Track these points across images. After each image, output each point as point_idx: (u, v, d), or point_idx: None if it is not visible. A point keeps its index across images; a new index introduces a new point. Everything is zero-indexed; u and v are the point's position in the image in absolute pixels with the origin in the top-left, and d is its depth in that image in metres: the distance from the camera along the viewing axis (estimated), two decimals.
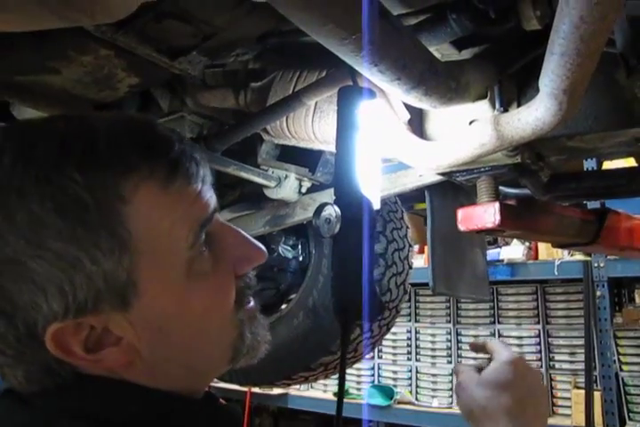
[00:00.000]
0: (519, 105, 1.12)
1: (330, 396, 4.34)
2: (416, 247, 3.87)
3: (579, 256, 3.49)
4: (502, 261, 3.69)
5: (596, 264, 3.37)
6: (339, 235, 1.03)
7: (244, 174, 1.47)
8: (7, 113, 1.57)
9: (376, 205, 1.08)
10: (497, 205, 1.20)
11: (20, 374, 0.56)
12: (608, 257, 3.37)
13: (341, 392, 0.99)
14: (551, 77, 0.83)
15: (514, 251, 3.73)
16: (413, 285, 4.06)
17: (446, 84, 0.96)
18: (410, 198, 3.11)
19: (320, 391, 4.54)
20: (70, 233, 0.51)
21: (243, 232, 0.64)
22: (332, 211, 1.03)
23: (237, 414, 0.67)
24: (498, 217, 1.19)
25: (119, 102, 1.71)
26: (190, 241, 0.57)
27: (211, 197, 0.60)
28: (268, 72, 1.55)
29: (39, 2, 0.68)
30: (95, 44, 1.17)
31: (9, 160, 0.52)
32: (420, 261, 3.79)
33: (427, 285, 4.18)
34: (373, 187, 1.09)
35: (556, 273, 3.39)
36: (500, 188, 1.53)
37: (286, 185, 1.57)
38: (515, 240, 3.90)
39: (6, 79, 1.33)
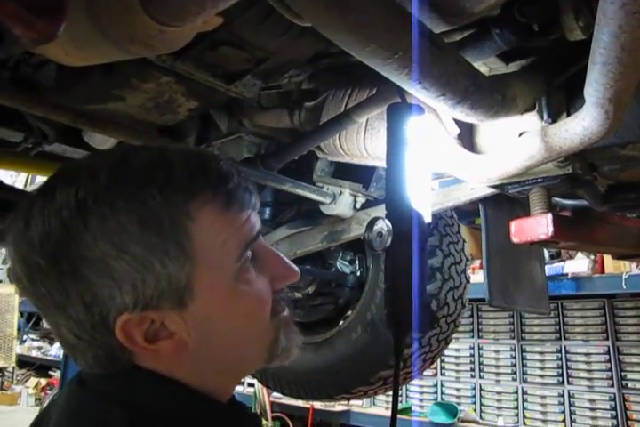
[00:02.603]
0: (568, 116, 1.13)
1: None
2: (477, 262, 3.82)
3: None
4: (566, 275, 3.59)
5: None
6: (390, 248, 1.06)
7: (299, 191, 1.52)
8: (79, 139, 1.69)
9: (427, 219, 1.10)
10: (550, 216, 1.20)
11: (89, 357, 0.66)
12: None
13: (395, 405, 1.01)
14: (595, 87, 0.84)
15: (578, 264, 3.62)
16: (476, 300, 4.03)
17: (492, 97, 0.98)
18: (470, 213, 3.08)
19: (382, 409, 4.51)
20: (147, 241, 0.62)
21: (281, 254, 0.75)
22: (384, 225, 1.06)
23: (258, 419, 0.76)
24: (551, 228, 1.19)
25: (181, 125, 1.80)
26: (237, 255, 0.67)
27: (257, 221, 0.71)
28: (320, 92, 1.60)
29: (106, 38, 0.75)
30: (156, 72, 1.24)
31: (104, 179, 0.64)
32: (480, 275, 3.72)
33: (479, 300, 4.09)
34: (424, 200, 1.11)
35: (624, 287, 3.27)
36: (557, 199, 1.53)
37: (341, 201, 1.60)
38: (579, 253, 3.79)
39: (79, 108, 1.43)
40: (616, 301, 3.60)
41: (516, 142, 1.09)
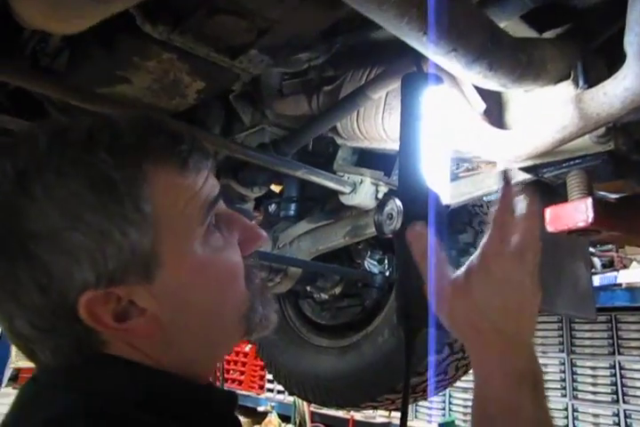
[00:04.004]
0: None
1: None
2: None
3: None
4: (620, 285, 3.36)
5: None
6: (402, 233, 0.94)
7: (314, 178, 1.41)
8: None
9: (445, 200, 0.98)
10: (589, 200, 1.06)
11: (48, 350, 0.60)
12: None
13: (405, 412, 0.88)
14: (637, 31, 0.70)
15: (633, 274, 3.39)
16: None
17: (514, 57, 0.85)
18: None
19: (424, 422, 4.32)
20: (102, 207, 0.56)
21: (244, 217, 0.70)
22: (395, 205, 0.94)
23: (234, 399, 0.69)
24: (591, 214, 1.04)
25: (205, 118, 1.73)
26: (201, 218, 0.62)
27: (215, 184, 0.66)
28: (340, 76, 1.50)
29: None
30: (156, 48, 1.17)
31: (44, 144, 0.58)
32: None
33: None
34: (442, 180, 0.99)
35: None
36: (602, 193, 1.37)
37: (362, 190, 1.48)
38: (634, 262, 3.56)
39: (87, 91, 1.38)
40: None
41: (547, 113, 0.95)
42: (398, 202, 0.93)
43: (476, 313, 0.67)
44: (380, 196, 1.51)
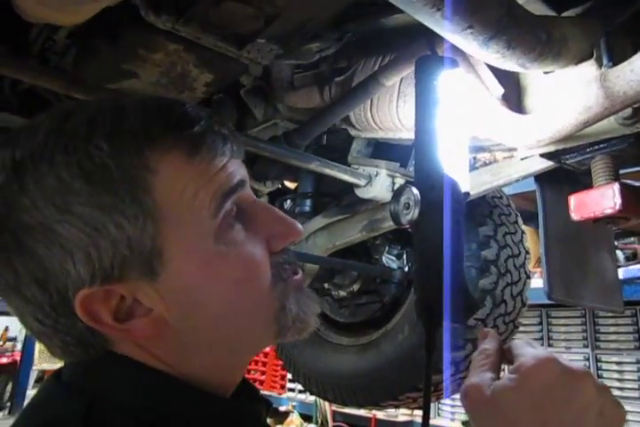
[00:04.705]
0: None
1: (458, 425, 4.06)
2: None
3: None
4: None
5: None
6: (420, 222, 0.90)
7: (328, 171, 1.37)
8: None
9: (464, 188, 0.93)
10: (616, 186, 1.00)
11: (58, 345, 0.57)
12: None
13: (427, 410, 0.84)
14: None
15: None
16: (544, 306, 3.74)
17: (533, 34, 0.81)
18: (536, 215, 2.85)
19: (448, 420, 4.27)
20: (95, 199, 0.52)
21: (277, 210, 0.63)
22: (412, 194, 0.90)
23: (258, 414, 0.63)
24: (618, 200, 0.99)
25: (217, 113, 1.70)
26: (212, 210, 0.56)
27: (237, 170, 0.60)
28: (351, 66, 1.46)
29: None
30: (162, 39, 1.15)
31: (43, 134, 0.55)
32: None
33: (559, 306, 3.84)
34: (461, 167, 0.94)
35: None
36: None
37: (377, 182, 1.44)
38: None
39: (96, 86, 1.36)
40: None
41: (571, 93, 0.91)
42: (415, 191, 0.89)
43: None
44: (397, 187, 1.46)
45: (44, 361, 7.03)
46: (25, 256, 0.53)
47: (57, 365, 0.64)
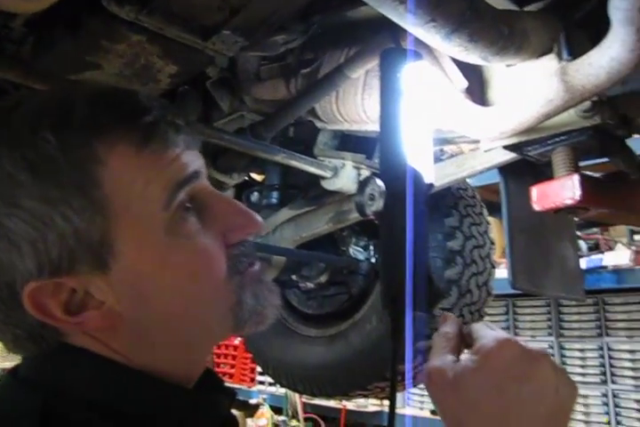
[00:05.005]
0: None
1: (427, 413, 4.11)
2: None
3: None
4: (606, 267, 3.37)
5: None
6: (384, 213, 0.91)
7: (294, 163, 1.37)
8: None
9: (428, 179, 0.95)
10: (576, 177, 1.03)
11: (9, 338, 0.57)
12: None
13: (393, 400, 0.85)
14: None
15: (619, 256, 3.39)
16: (510, 296, 3.82)
17: (495, 28, 0.82)
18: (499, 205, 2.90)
19: (417, 409, 4.32)
20: (42, 191, 0.52)
21: (236, 201, 0.63)
22: (376, 186, 0.91)
23: (224, 414, 0.64)
24: (578, 191, 1.02)
25: (182, 106, 1.68)
26: (164, 201, 0.55)
27: (191, 161, 0.59)
28: (317, 58, 1.46)
29: None
30: (125, 30, 1.12)
31: None
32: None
33: (524, 296, 3.90)
34: (425, 158, 0.96)
35: None
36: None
37: (343, 174, 1.45)
38: (619, 245, 3.56)
39: (56, 76, 1.33)
40: None
41: (533, 86, 0.92)
42: (380, 182, 0.90)
43: (463, 411, 0.57)
44: (363, 179, 1.47)
45: (6, 360, 6.88)
46: None
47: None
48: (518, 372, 0.56)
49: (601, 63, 0.80)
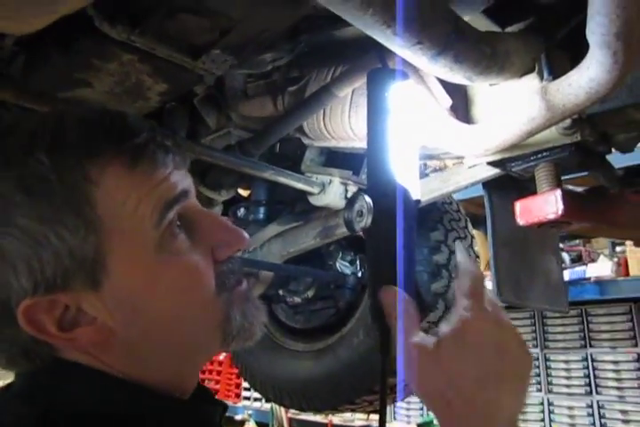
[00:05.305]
0: None
1: None
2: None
3: None
4: (589, 279, 3.42)
5: None
6: (372, 228, 0.93)
7: (282, 179, 1.39)
8: None
9: (415, 195, 0.97)
10: (559, 192, 1.06)
11: (2, 355, 0.58)
12: None
13: (383, 413, 0.87)
14: (598, 20, 0.70)
15: (601, 267, 3.45)
16: None
17: (478, 49, 0.85)
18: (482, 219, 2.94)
19: (404, 423, 4.31)
20: (36, 211, 0.53)
21: (222, 218, 0.65)
22: (365, 202, 0.93)
23: (216, 418, 0.65)
24: (561, 206, 1.05)
25: (170, 123, 1.70)
26: (154, 220, 0.57)
27: (180, 180, 0.61)
28: (304, 76, 1.49)
29: None
30: (117, 49, 1.14)
31: None
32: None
33: (509, 308, 3.93)
34: (412, 175, 0.98)
35: None
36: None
37: (331, 190, 1.47)
38: (601, 256, 3.62)
39: (48, 95, 1.34)
40: None
41: (514, 105, 0.96)
42: (368, 199, 0.92)
43: (445, 382, 0.60)
44: (350, 195, 1.50)
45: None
46: None
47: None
48: (494, 340, 0.61)
49: (580, 83, 0.83)
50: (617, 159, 1.28)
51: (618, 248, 3.63)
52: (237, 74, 1.62)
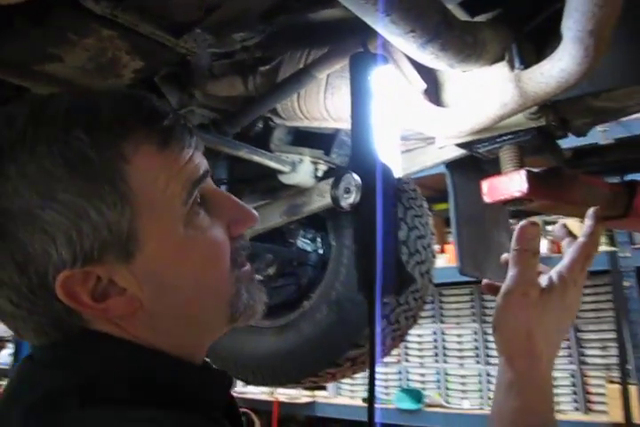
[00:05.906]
0: None
1: (358, 402, 4.24)
2: (437, 247, 3.79)
3: (604, 247, 3.40)
4: None
5: (622, 254, 3.29)
6: (360, 205, 0.98)
7: (256, 158, 1.42)
8: None
9: (396, 173, 1.03)
10: (523, 172, 1.14)
11: (31, 327, 0.60)
12: (634, 246, 3.29)
13: (372, 379, 0.93)
14: (575, 17, 0.77)
15: (542, 245, 3.63)
16: (437, 285, 4.00)
17: (462, 38, 0.91)
18: (429, 199, 3.04)
19: (347, 398, 4.45)
20: (77, 186, 0.56)
21: (235, 198, 0.69)
22: (352, 180, 0.98)
23: (230, 382, 0.70)
24: (525, 185, 1.13)
25: None
26: (184, 198, 0.61)
27: (201, 161, 0.65)
28: (276, 56, 1.51)
29: None
30: (96, 25, 1.14)
31: (20, 124, 0.58)
32: (442, 260, 3.72)
33: (450, 284, 4.07)
34: (392, 155, 1.04)
35: None
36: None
37: (301, 169, 1.51)
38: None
39: (20, 67, 1.31)
40: None
41: (488, 91, 1.02)
42: (356, 176, 0.97)
43: (536, 324, 0.74)
44: (320, 174, 1.54)
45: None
46: (6, 241, 0.56)
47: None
48: (576, 307, 0.79)
49: (552, 73, 0.91)
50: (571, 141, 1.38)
51: (549, 227, 3.82)
52: (204, 52, 1.62)
